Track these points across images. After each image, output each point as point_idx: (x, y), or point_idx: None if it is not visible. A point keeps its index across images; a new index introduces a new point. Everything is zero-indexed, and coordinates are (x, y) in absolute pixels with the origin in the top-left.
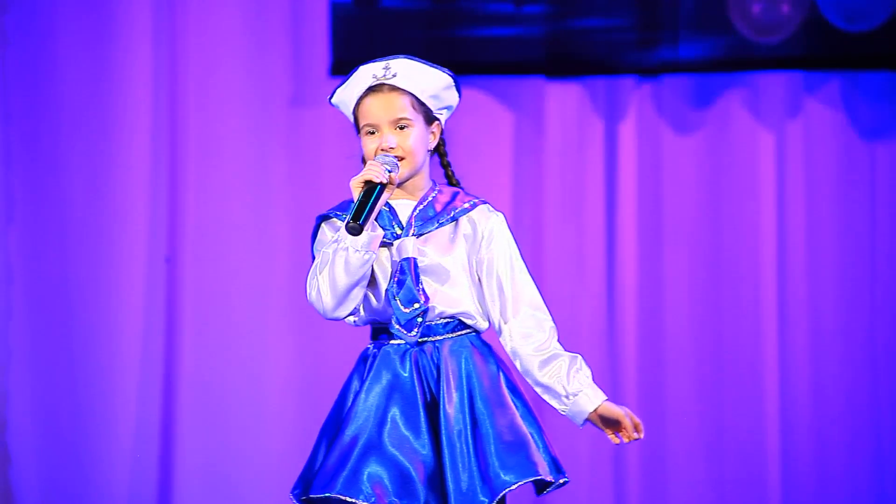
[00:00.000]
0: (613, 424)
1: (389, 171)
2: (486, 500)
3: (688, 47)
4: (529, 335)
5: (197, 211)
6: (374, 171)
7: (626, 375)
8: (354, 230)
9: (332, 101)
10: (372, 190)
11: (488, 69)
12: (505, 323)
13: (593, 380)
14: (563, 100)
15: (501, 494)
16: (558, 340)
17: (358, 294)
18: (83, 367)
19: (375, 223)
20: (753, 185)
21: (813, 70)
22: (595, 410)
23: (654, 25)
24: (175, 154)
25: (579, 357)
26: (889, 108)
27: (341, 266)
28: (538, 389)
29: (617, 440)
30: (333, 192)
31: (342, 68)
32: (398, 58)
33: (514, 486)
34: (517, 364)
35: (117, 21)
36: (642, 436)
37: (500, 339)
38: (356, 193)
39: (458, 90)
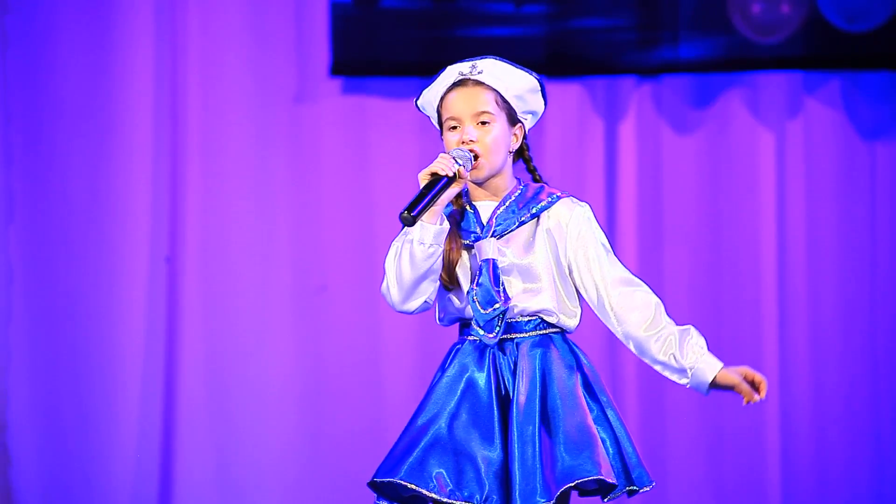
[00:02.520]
0: (733, 389)
1: (460, 165)
2: (548, 496)
3: (688, 47)
4: (634, 316)
5: (198, 210)
6: (442, 164)
7: (627, 375)
8: (407, 221)
9: (418, 102)
10: (435, 182)
11: None
12: (609, 309)
13: (706, 348)
14: (563, 100)
15: (563, 490)
16: (667, 314)
17: (427, 288)
18: (84, 367)
19: (443, 216)
20: (753, 185)
21: (813, 70)
22: (713, 381)
23: (654, 25)
24: (176, 153)
25: (691, 328)
26: (889, 108)
27: (406, 259)
28: (657, 367)
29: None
30: (335, 191)
31: (342, 68)
32: (486, 58)
33: (573, 483)
34: (631, 347)
35: (118, 21)
36: (762, 395)
37: (610, 327)
38: (422, 185)
39: (545, 97)
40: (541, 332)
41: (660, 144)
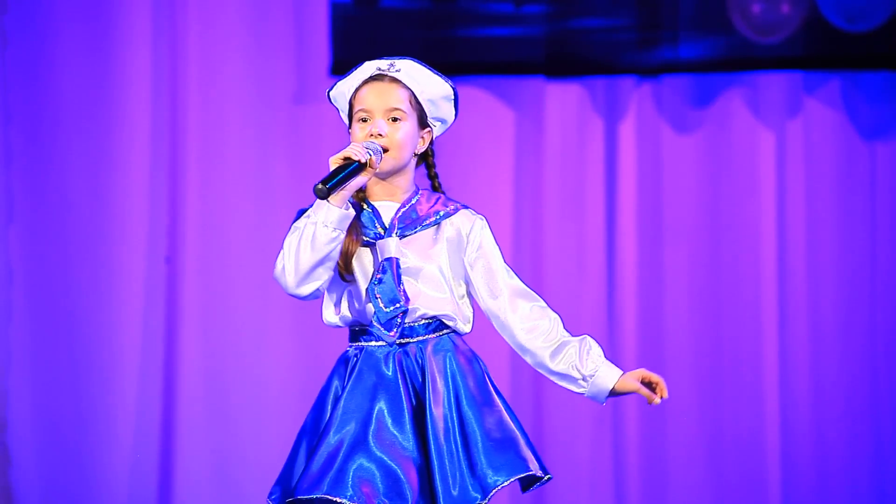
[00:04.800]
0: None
1: (371, 155)
2: (483, 495)
3: (688, 47)
4: (535, 328)
5: (197, 210)
6: (355, 150)
7: None
8: (321, 192)
9: (332, 93)
10: (348, 166)
11: (488, 69)
12: (509, 321)
13: (604, 356)
14: (563, 100)
15: (492, 493)
16: (564, 327)
17: (322, 274)
18: (83, 367)
19: (349, 203)
20: (753, 185)
21: (813, 70)
22: (613, 389)
23: (654, 25)
24: (175, 153)
25: (588, 338)
26: (889, 108)
27: (308, 240)
28: (554, 378)
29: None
30: None
31: (342, 68)
32: (405, 59)
33: (504, 484)
34: (528, 358)
35: (118, 21)
36: (663, 395)
37: (504, 335)
38: (333, 168)
39: (457, 107)
40: (440, 334)
41: (660, 144)
